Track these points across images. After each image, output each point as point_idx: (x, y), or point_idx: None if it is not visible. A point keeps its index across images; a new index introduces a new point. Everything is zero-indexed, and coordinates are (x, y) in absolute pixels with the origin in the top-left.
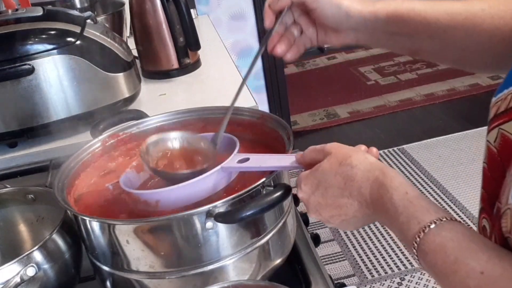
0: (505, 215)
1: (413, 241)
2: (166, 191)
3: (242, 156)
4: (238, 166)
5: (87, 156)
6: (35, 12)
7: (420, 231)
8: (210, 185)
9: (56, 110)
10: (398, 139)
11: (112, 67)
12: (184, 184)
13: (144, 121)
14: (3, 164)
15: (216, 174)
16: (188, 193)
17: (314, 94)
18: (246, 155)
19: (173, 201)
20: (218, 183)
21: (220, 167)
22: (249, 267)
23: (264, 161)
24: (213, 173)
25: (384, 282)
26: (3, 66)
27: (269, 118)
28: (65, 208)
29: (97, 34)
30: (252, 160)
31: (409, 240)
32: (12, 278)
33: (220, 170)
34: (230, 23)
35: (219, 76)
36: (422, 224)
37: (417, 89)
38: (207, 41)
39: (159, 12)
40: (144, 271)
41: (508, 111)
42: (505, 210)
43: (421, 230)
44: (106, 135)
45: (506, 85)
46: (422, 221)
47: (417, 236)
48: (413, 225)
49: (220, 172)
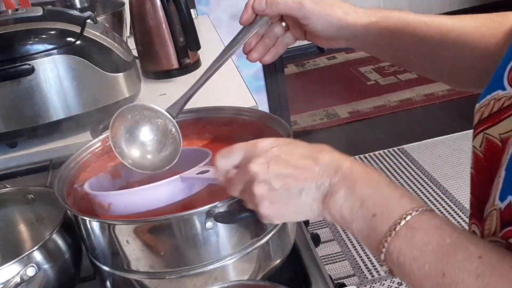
0: (490, 216)
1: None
2: (119, 194)
3: (203, 168)
4: (196, 177)
5: (87, 156)
6: (35, 12)
7: (413, 210)
8: (167, 193)
9: (56, 110)
10: (398, 139)
11: (112, 67)
12: (138, 188)
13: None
14: (3, 164)
15: (173, 183)
16: (142, 198)
17: (314, 94)
18: (207, 167)
19: (125, 205)
20: (176, 193)
21: (179, 177)
22: (249, 267)
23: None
24: (171, 181)
25: (384, 282)
26: (3, 66)
27: (269, 118)
28: (65, 208)
29: (97, 34)
30: (211, 172)
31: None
32: (12, 278)
33: (178, 179)
34: (230, 23)
35: (219, 76)
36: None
37: (417, 89)
38: (207, 41)
39: (159, 12)
40: (144, 271)
41: (491, 116)
42: (490, 211)
43: (413, 210)
44: (106, 135)
45: (489, 90)
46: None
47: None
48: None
49: (178, 181)
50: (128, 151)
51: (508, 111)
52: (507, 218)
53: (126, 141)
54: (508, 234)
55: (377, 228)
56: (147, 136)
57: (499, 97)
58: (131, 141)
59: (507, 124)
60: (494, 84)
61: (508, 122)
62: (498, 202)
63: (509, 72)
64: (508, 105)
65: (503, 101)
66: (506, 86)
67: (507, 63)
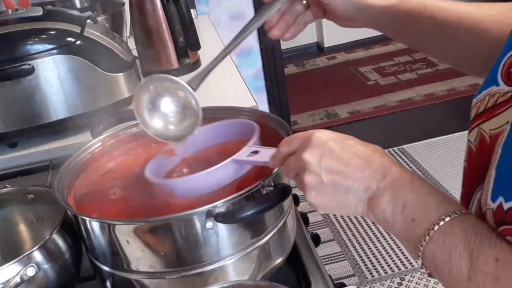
0: (486, 216)
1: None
2: (179, 181)
3: (253, 149)
4: (247, 160)
5: (87, 156)
6: (35, 12)
7: (446, 216)
8: (221, 176)
9: (56, 110)
10: (398, 139)
11: (112, 67)
12: (196, 175)
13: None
14: (3, 164)
15: (226, 166)
16: (200, 183)
17: (314, 94)
18: (257, 147)
19: (185, 191)
20: (230, 175)
21: (231, 160)
22: (249, 267)
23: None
24: (224, 165)
25: (384, 282)
26: (3, 66)
27: (269, 118)
28: (65, 208)
29: (97, 34)
30: (261, 154)
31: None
32: (12, 278)
33: (231, 162)
34: (230, 23)
35: (219, 76)
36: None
37: (417, 89)
38: (207, 41)
39: (159, 12)
40: (144, 271)
41: (486, 111)
42: (485, 210)
43: (447, 215)
44: (106, 135)
45: (485, 86)
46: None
47: (441, 219)
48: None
49: (231, 164)
50: (150, 121)
51: (501, 107)
52: (500, 219)
53: (149, 112)
54: (504, 233)
55: (415, 233)
56: (168, 107)
57: (493, 93)
58: (153, 112)
59: (498, 120)
60: (489, 80)
61: (499, 119)
62: (490, 202)
63: (502, 67)
64: (502, 102)
65: (497, 97)
66: (500, 82)
67: (501, 59)
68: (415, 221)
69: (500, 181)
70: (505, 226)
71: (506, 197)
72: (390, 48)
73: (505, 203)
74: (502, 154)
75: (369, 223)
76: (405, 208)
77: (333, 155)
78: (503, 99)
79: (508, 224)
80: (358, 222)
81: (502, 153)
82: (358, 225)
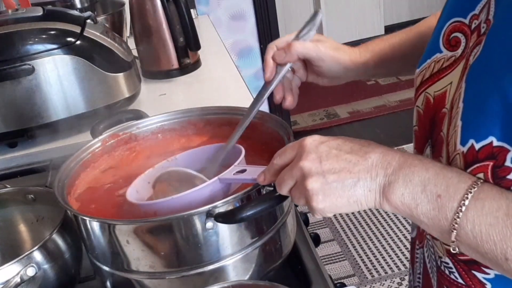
0: (454, 161)
1: (467, 193)
2: (163, 202)
3: (239, 168)
4: (234, 178)
5: (87, 156)
6: (35, 12)
7: (473, 183)
8: (207, 195)
9: (56, 110)
10: (398, 139)
11: (112, 67)
12: (180, 194)
13: (144, 121)
14: (3, 164)
15: (212, 185)
16: (185, 203)
17: (314, 94)
18: (243, 166)
19: (171, 211)
20: (215, 194)
21: (217, 179)
22: (249, 267)
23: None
24: (210, 184)
25: (384, 282)
26: (3, 66)
27: (269, 118)
28: (65, 208)
29: (97, 34)
30: (248, 172)
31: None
32: (12, 278)
33: (217, 181)
34: (230, 23)
35: (219, 76)
36: (473, 179)
37: None
38: (207, 41)
39: (159, 12)
40: (144, 271)
41: (432, 76)
42: (454, 156)
43: (474, 183)
44: (106, 135)
45: (428, 55)
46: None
47: (471, 188)
48: (465, 181)
49: (217, 183)
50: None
51: (446, 71)
52: (472, 159)
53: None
54: (475, 171)
55: (445, 207)
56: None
57: (438, 59)
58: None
59: (441, 83)
60: (432, 48)
61: (443, 81)
62: (460, 147)
63: (443, 36)
64: (447, 66)
65: (442, 62)
66: (442, 49)
67: (440, 29)
68: (442, 196)
69: (468, 127)
70: (477, 164)
71: (476, 139)
72: None
73: (476, 144)
74: (464, 106)
75: (369, 223)
76: (426, 187)
77: (330, 155)
78: (448, 63)
79: (481, 162)
80: (358, 222)
81: (464, 106)
82: (358, 225)
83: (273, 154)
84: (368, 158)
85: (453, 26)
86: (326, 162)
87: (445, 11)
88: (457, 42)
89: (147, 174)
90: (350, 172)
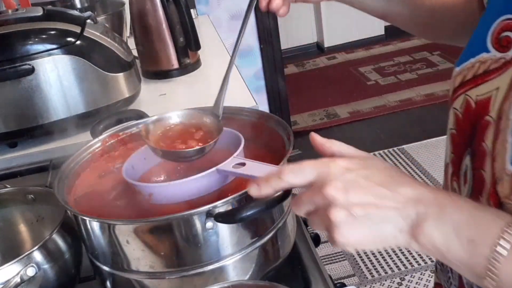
0: (501, 182)
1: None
2: (160, 186)
3: (239, 160)
4: (232, 171)
5: (87, 156)
6: (35, 12)
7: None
8: (204, 184)
9: (56, 110)
10: (398, 139)
11: (112, 67)
12: (178, 181)
13: (144, 121)
14: (3, 164)
15: (210, 175)
16: (182, 190)
17: (314, 94)
18: (243, 160)
19: (165, 196)
20: (212, 184)
21: (216, 169)
22: (249, 267)
23: (259, 169)
24: (208, 174)
25: (384, 282)
26: (3, 66)
27: (269, 118)
28: (65, 208)
29: (97, 34)
30: (247, 167)
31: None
32: (12, 278)
33: (215, 171)
34: (230, 23)
35: (219, 76)
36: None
37: (417, 89)
38: (207, 41)
39: (159, 12)
40: (144, 271)
41: (476, 77)
42: (501, 175)
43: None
44: (106, 135)
45: (472, 54)
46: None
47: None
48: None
49: (215, 173)
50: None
51: (493, 73)
52: None
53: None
54: None
55: (478, 253)
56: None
57: (484, 60)
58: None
59: (486, 86)
60: (477, 47)
61: (488, 85)
62: (509, 168)
63: (492, 34)
64: (494, 68)
65: (488, 63)
66: (490, 49)
67: (489, 26)
68: (475, 241)
69: None
70: None
71: None
72: (390, 48)
73: None
74: None
75: None
76: (459, 231)
77: (358, 186)
78: (495, 66)
79: None
80: None
81: None
82: None
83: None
84: (398, 194)
85: (504, 24)
86: (353, 194)
87: (493, 6)
88: (509, 42)
89: (143, 149)
90: (378, 208)
